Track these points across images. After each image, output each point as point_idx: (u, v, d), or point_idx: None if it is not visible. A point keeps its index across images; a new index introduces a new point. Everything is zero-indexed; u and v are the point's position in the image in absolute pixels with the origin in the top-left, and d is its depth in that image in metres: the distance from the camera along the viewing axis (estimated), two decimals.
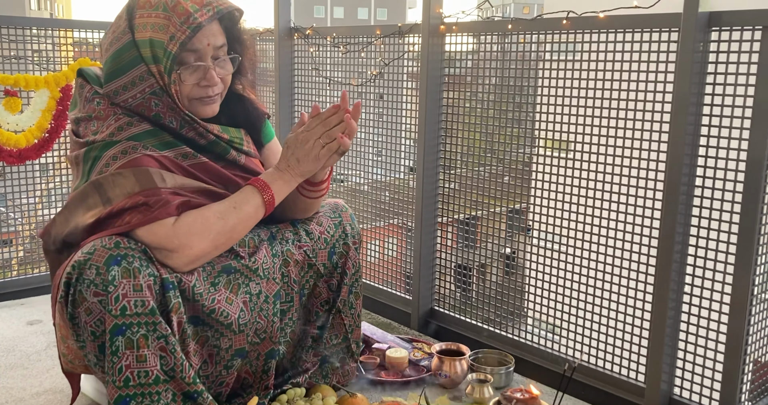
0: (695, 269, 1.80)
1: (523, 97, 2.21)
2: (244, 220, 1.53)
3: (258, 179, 1.57)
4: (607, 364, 2.02)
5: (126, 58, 1.50)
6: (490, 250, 2.45)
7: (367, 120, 2.76)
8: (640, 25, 1.82)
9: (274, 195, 1.56)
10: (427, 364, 2.03)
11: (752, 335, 1.74)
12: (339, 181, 3.06)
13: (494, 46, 2.23)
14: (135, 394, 1.41)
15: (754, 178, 1.65)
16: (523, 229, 2.54)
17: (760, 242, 1.68)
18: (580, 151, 2.01)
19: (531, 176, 2.20)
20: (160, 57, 1.47)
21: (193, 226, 1.46)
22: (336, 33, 2.74)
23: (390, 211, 2.72)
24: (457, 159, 2.39)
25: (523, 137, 2.27)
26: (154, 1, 1.48)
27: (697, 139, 1.75)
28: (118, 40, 1.51)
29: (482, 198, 2.32)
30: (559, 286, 2.14)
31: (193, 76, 1.52)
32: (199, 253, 1.48)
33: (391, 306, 2.64)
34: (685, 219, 1.78)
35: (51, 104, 2.63)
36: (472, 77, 2.35)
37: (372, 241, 2.85)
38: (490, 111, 2.29)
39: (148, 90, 1.51)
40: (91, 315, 1.39)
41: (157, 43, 1.47)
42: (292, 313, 1.72)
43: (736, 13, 1.63)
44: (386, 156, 2.68)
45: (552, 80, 2.06)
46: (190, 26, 1.45)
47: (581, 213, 2.04)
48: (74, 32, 2.88)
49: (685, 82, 1.69)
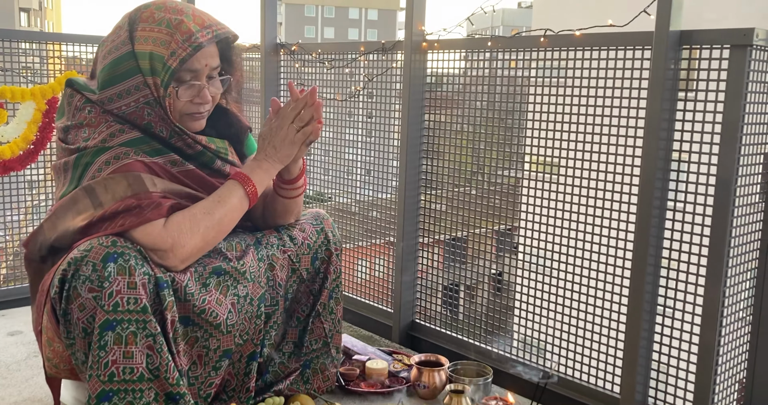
0: (668, 283, 1.84)
1: (509, 119, 2.25)
2: (230, 213, 1.59)
3: (238, 173, 1.63)
4: (583, 375, 2.05)
5: (123, 67, 1.55)
6: (475, 272, 2.47)
7: (355, 139, 2.81)
8: (615, 43, 1.87)
9: (255, 185, 1.62)
10: (406, 376, 2.05)
11: (723, 346, 1.77)
12: (327, 199, 3.09)
13: (477, 64, 2.28)
14: (118, 390, 1.43)
15: (724, 195, 1.69)
16: (511, 249, 2.58)
17: (730, 255, 1.72)
18: (558, 174, 2.06)
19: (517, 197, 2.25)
20: (159, 70, 1.53)
21: (182, 224, 1.51)
22: (321, 49, 2.78)
23: (377, 232, 2.74)
24: (442, 179, 2.43)
25: (509, 159, 2.30)
26: (157, 17, 1.54)
27: (669, 154, 1.79)
28: (117, 49, 1.56)
29: (468, 219, 2.35)
30: (537, 299, 2.17)
31: (188, 92, 1.58)
32: (192, 250, 1.53)
33: (373, 319, 2.66)
34: (658, 233, 1.82)
35: (37, 116, 2.65)
36: (456, 97, 2.40)
37: (360, 260, 2.85)
38: (471, 130, 2.33)
39: (142, 100, 1.56)
40: (84, 311, 1.42)
41: (157, 56, 1.52)
42: (277, 317, 1.76)
43: (705, 32, 1.69)
44: (374, 176, 2.71)
45: (537, 104, 2.11)
46: (192, 45, 1.52)
47: (562, 231, 2.08)
48: (63, 46, 2.90)
49: (657, 99, 1.74)
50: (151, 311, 1.46)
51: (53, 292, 1.45)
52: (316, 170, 2.98)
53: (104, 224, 1.48)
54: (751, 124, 1.70)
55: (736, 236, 1.73)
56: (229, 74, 1.68)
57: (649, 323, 1.86)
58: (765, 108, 1.74)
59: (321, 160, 2.97)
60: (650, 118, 1.76)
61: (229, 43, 1.66)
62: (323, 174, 2.97)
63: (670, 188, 1.80)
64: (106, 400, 1.43)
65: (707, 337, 1.75)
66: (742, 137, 1.66)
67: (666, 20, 1.69)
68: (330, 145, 2.92)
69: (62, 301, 1.43)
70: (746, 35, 1.60)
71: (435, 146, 2.43)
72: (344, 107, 2.82)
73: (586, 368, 2.04)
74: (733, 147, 1.66)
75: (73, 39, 2.90)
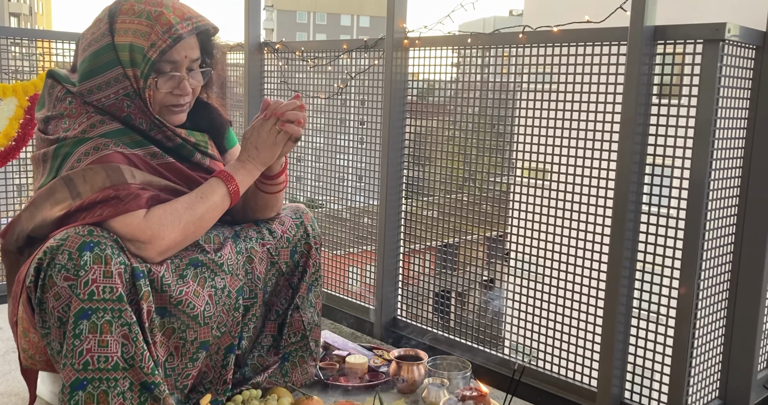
0: (644, 277, 1.86)
1: (496, 124, 2.26)
2: (211, 210, 1.60)
3: (222, 171, 1.64)
4: (561, 369, 2.06)
5: (103, 59, 1.55)
6: (466, 278, 2.48)
7: (347, 146, 2.82)
8: (591, 39, 1.89)
9: (238, 185, 1.63)
10: (386, 370, 2.05)
11: (697, 340, 1.78)
12: (318, 206, 3.09)
13: (460, 61, 2.29)
14: (92, 379, 1.43)
15: (697, 194, 1.71)
16: (501, 256, 2.59)
17: (704, 248, 1.74)
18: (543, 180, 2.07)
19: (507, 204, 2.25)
20: (139, 62, 1.53)
21: (163, 217, 1.51)
22: (305, 47, 2.79)
23: (368, 239, 2.75)
24: (425, 183, 2.44)
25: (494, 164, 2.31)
26: (137, 9, 1.55)
27: (645, 150, 1.81)
28: (97, 41, 1.57)
29: (455, 224, 2.36)
30: (522, 296, 2.18)
31: (168, 84, 1.59)
32: (171, 243, 1.53)
33: (354, 316, 2.66)
34: (634, 227, 1.83)
35: (19, 113, 2.65)
36: (439, 100, 2.41)
37: (350, 267, 2.85)
38: (457, 135, 2.35)
39: (122, 92, 1.56)
40: (59, 300, 1.42)
41: (137, 48, 1.53)
42: (256, 310, 1.76)
43: (679, 27, 1.71)
44: (365, 182, 2.72)
45: (522, 103, 2.12)
46: (172, 36, 1.53)
47: (540, 235, 2.09)
48: (53, 43, 2.90)
49: (632, 94, 1.76)
50: (126, 301, 1.45)
51: (29, 281, 1.44)
52: (307, 176, 2.98)
53: (82, 214, 1.48)
54: (725, 119, 1.72)
55: (709, 233, 1.74)
56: (210, 67, 1.68)
57: (625, 318, 1.87)
58: (738, 103, 1.76)
59: (312, 166, 2.96)
60: (626, 113, 1.78)
61: (209, 35, 1.66)
62: (315, 180, 2.96)
63: (645, 182, 1.82)
64: (80, 388, 1.42)
65: (682, 333, 1.77)
66: (715, 132, 1.68)
67: (640, 15, 1.71)
68: (320, 150, 2.91)
69: (38, 290, 1.43)
70: (718, 30, 1.62)
71: (418, 147, 2.44)
72: (332, 109, 2.82)
73: (564, 363, 2.05)
74: (705, 146, 1.68)
75: (59, 36, 2.90)
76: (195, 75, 1.64)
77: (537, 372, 2.08)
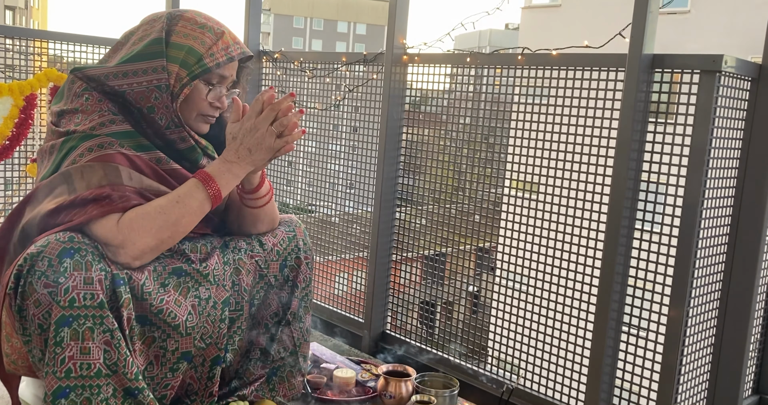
0: (633, 301, 1.87)
1: (491, 136, 2.28)
2: (188, 215, 1.54)
3: (202, 171, 1.58)
4: (548, 390, 2.07)
5: (150, 49, 1.60)
6: (456, 288, 2.49)
7: (340, 152, 2.82)
8: (590, 64, 1.91)
9: (220, 189, 1.56)
10: (374, 385, 2.06)
11: (684, 366, 1.80)
12: (308, 212, 3.10)
13: (457, 80, 2.31)
14: (75, 386, 1.41)
15: (690, 219, 1.73)
16: (490, 268, 2.60)
17: (694, 277, 1.76)
18: (537, 191, 2.09)
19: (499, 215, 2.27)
20: (191, 64, 1.60)
21: (134, 221, 1.49)
22: (304, 58, 2.80)
23: (359, 244, 2.75)
24: (423, 192, 2.45)
25: (488, 176, 2.33)
26: (200, 21, 1.64)
27: (639, 174, 1.83)
28: (149, 35, 1.62)
29: (446, 234, 2.37)
30: (509, 315, 2.19)
31: (212, 94, 1.65)
32: (143, 248, 1.50)
33: (343, 329, 2.66)
34: (626, 252, 1.85)
35: (14, 112, 2.64)
36: (436, 114, 2.43)
37: (340, 273, 2.85)
38: (451, 145, 2.36)
39: (155, 82, 1.59)
40: (39, 307, 1.40)
41: (194, 52, 1.60)
42: (242, 322, 1.73)
43: (677, 56, 1.73)
44: (357, 188, 2.73)
45: (517, 122, 2.14)
46: (228, 55, 1.64)
47: (532, 247, 2.11)
48: (48, 43, 2.90)
49: (628, 120, 1.78)
50: (107, 307, 1.44)
51: (9, 287, 1.43)
52: (299, 181, 2.99)
53: (72, 211, 1.48)
54: (720, 149, 1.74)
55: (700, 258, 1.76)
56: (238, 89, 1.74)
57: (614, 340, 1.88)
58: (733, 133, 1.78)
59: (304, 172, 2.97)
60: (621, 138, 1.80)
61: (244, 62, 1.76)
62: (306, 186, 2.97)
63: (638, 208, 1.83)
64: (62, 396, 1.41)
65: (670, 356, 1.78)
66: (709, 161, 1.70)
67: (639, 43, 1.73)
68: (313, 155, 2.92)
69: (17, 297, 1.41)
70: (715, 61, 1.64)
71: (414, 160, 2.45)
72: (328, 119, 2.84)
73: (551, 383, 2.06)
74: (700, 170, 1.70)
75: (57, 37, 2.89)
76: (229, 94, 1.71)
77: (523, 392, 2.09)
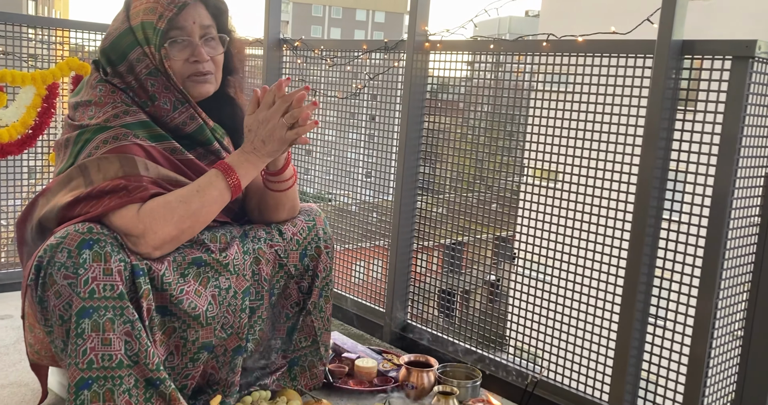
0: (661, 293, 1.84)
1: (510, 123, 2.25)
2: (209, 205, 1.55)
3: (222, 162, 1.59)
4: (572, 382, 2.04)
5: (124, 43, 1.60)
6: (475, 277, 2.47)
7: (358, 140, 2.80)
8: (617, 50, 1.86)
9: (239, 178, 1.57)
10: (395, 375, 2.05)
11: (713, 359, 1.76)
12: (327, 200, 3.09)
13: (479, 67, 2.28)
14: (97, 377, 1.42)
15: (720, 209, 1.68)
16: (509, 257, 2.58)
17: (724, 267, 1.72)
18: (561, 181, 2.05)
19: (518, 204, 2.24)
20: (151, 36, 1.57)
21: (155, 210, 1.49)
22: (324, 46, 2.78)
23: (377, 233, 2.74)
24: (442, 181, 2.42)
25: (509, 164, 2.30)
26: None
27: (667, 163, 1.79)
28: (116, 29, 1.61)
29: (466, 223, 2.34)
30: (531, 305, 2.16)
31: (182, 52, 1.60)
32: (165, 238, 1.50)
33: (364, 318, 2.65)
34: (653, 243, 1.81)
35: (36, 101, 2.65)
36: (458, 101, 2.40)
37: (358, 262, 2.84)
38: (472, 134, 2.33)
39: (144, 71, 1.59)
40: (60, 298, 1.41)
41: (147, 24, 1.57)
42: (262, 312, 1.73)
43: (708, 42, 1.69)
44: (376, 177, 2.70)
45: (538, 109, 2.10)
46: (176, 5, 1.57)
47: (557, 237, 2.08)
48: (69, 32, 2.90)
49: (656, 108, 1.73)
50: (127, 298, 1.44)
51: (29, 278, 1.43)
52: (317, 170, 2.98)
53: (90, 202, 1.48)
54: (751, 137, 1.69)
55: (730, 249, 1.72)
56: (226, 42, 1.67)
57: (640, 332, 1.85)
58: (765, 121, 1.73)
59: (322, 161, 2.96)
60: (649, 127, 1.76)
61: (219, 10, 1.66)
62: (325, 174, 2.96)
63: (666, 198, 1.79)
64: (85, 388, 1.42)
65: (698, 349, 1.74)
66: (740, 149, 1.66)
67: (668, 29, 1.69)
68: (332, 144, 2.91)
69: (38, 288, 1.42)
70: (748, 47, 1.59)
71: (435, 149, 2.43)
72: (346, 107, 2.82)
73: (575, 375, 2.04)
74: (730, 159, 1.66)
75: (78, 26, 2.90)
76: (212, 42, 1.64)
77: (546, 383, 2.07)
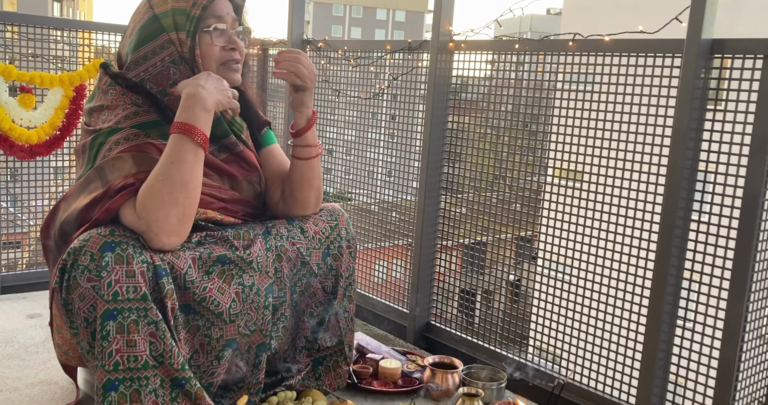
0: (689, 295, 1.81)
1: (534, 123, 2.24)
2: (189, 170, 1.50)
3: (176, 123, 1.52)
4: (599, 384, 2.03)
5: (148, 30, 1.60)
6: (496, 277, 2.46)
7: (378, 140, 2.80)
8: (645, 50, 1.84)
9: (202, 130, 1.53)
10: (419, 376, 2.04)
11: (744, 362, 1.74)
12: (347, 200, 3.09)
13: (503, 67, 2.26)
14: (124, 379, 1.43)
15: (751, 209, 1.66)
16: (531, 257, 2.56)
17: (755, 269, 1.69)
18: (587, 181, 2.03)
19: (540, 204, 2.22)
20: (183, 23, 1.58)
21: (145, 202, 1.47)
22: (347, 47, 2.78)
23: (397, 232, 2.74)
24: (464, 182, 2.42)
25: (532, 164, 2.29)
26: None
27: (696, 164, 1.76)
28: (140, 20, 1.62)
29: (489, 223, 2.33)
30: (556, 306, 2.15)
31: (221, 39, 1.62)
32: (170, 221, 1.48)
33: (388, 319, 2.65)
34: (681, 244, 1.79)
35: (64, 103, 2.68)
36: (481, 101, 2.39)
37: (378, 261, 2.84)
38: (495, 134, 2.32)
39: (167, 58, 1.60)
40: (84, 301, 1.42)
41: (179, 11, 1.58)
42: (285, 309, 1.73)
43: (738, 41, 1.66)
44: (396, 177, 2.71)
45: (563, 109, 2.09)
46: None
47: (583, 238, 2.06)
48: (94, 34, 2.93)
49: (685, 108, 1.71)
50: (151, 299, 1.45)
51: (54, 282, 1.45)
52: (337, 169, 2.98)
53: (107, 202, 1.48)
54: None
55: (761, 251, 1.70)
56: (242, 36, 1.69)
57: (668, 335, 1.83)
58: None
59: (343, 160, 2.96)
60: (678, 127, 1.74)
61: (238, 5, 1.68)
62: (345, 174, 2.96)
63: (695, 199, 1.77)
64: (112, 389, 1.43)
65: (728, 352, 1.72)
66: None
67: (698, 28, 1.67)
68: (353, 144, 2.91)
69: (62, 291, 1.44)
70: None
71: (458, 149, 2.42)
72: (367, 107, 2.81)
73: (602, 377, 2.02)
74: (762, 160, 1.63)
75: (103, 28, 2.93)
76: (241, 34, 1.66)
77: (572, 385, 2.05)
